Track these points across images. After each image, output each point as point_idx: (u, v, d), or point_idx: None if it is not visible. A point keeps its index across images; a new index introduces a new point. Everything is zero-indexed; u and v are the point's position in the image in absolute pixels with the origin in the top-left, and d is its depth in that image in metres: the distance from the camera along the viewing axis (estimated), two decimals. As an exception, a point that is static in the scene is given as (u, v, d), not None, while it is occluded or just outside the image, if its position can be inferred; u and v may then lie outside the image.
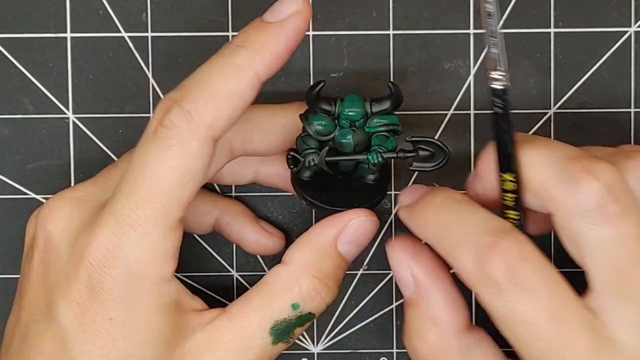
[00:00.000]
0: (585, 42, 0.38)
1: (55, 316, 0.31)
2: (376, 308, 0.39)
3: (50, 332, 0.31)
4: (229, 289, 0.39)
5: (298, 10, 0.31)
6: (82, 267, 0.30)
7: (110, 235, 0.30)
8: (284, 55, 0.31)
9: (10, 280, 0.39)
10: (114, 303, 0.30)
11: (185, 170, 0.30)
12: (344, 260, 0.34)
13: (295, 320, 0.33)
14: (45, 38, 0.38)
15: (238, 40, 0.31)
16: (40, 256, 0.32)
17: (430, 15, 0.38)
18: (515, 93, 0.38)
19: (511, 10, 0.38)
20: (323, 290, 0.33)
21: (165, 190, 0.30)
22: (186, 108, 0.30)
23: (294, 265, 0.33)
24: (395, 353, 0.39)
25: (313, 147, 0.34)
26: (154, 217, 0.30)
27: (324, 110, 0.34)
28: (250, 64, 0.30)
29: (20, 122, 0.39)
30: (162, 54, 0.38)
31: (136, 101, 0.39)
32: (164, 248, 0.30)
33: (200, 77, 0.31)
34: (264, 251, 0.38)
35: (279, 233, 0.39)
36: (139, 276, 0.30)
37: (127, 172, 0.31)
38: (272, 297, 0.32)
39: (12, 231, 0.39)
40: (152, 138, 0.30)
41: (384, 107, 0.34)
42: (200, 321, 0.32)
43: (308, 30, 0.38)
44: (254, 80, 0.30)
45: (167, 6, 0.38)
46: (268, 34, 0.31)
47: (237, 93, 0.30)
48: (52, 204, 0.32)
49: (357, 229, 0.34)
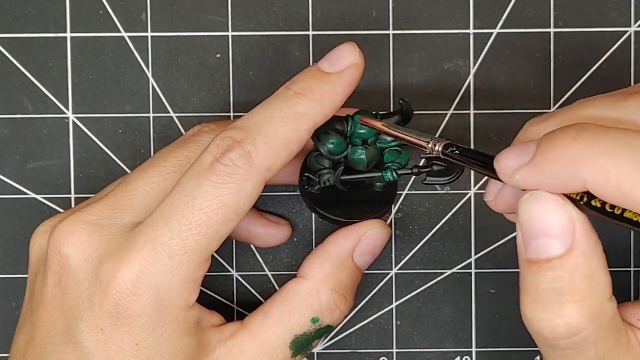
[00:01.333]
0: (585, 42, 0.38)
1: (78, 341, 0.31)
2: (376, 308, 0.39)
3: (72, 355, 0.31)
4: (229, 289, 0.39)
5: (355, 63, 0.32)
6: (109, 294, 0.30)
7: (142, 262, 0.30)
8: (340, 105, 0.32)
9: (10, 280, 0.39)
10: (140, 330, 0.30)
11: (235, 208, 0.30)
12: (360, 272, 0.35)
13: (314, 334, 0.33)
14: (45, 38, 0.38)
15: (298, 88, 0.32)
16: (56, 280, 0.32)
17: (430, 15, 0.38)
18: (516, 93, 0.38)
19: (511, 10, 0.38)
20: (342, 303, 0.34)
21: (212, 226, 0.30)
22: (248, 149, 0.30)
23: (314, 280, 0.34)
24: (395, 353, 0.39)
25: (327, 167, 0.34)
26: (194, 249, 0.30)
27: (336, 130, 0.34)
28: (311, 113, 0.31)
29: (20, 122, 0.39)
30: (162, 54, 0.38)
31: (136, 101, 0.39)
32: (195, 277, 0.31)
33: (262, 119, 0.31)
34: (276, 242, 0.38)
35: (284, 221, 0.39)
36: (167, 304, 0.31)
37: (171, 199, 0.30)
38: (292, 312, 0.33)
39: (12, 231, 0.39)
40: (207, 173, 0.30)
41: (394, 123, 0.34)
42: (220, 337, 0.33)
43: (308, 30, 0.38)
44: (312, 127, 0.31)
45: (167, 6, 0.38)
46: (327, 86, 0.32)
47: (296, 140, 0.31)
48: (67, 228, 0.32)
49: (372, 240, 0.34)
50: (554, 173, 0.26)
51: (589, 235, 0.27)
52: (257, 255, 0.39)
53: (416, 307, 0.39)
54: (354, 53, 0.32)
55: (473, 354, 0.39)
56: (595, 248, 0.27)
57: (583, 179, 0.25)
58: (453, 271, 0.39)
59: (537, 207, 0.27)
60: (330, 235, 0.35)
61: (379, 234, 0.35)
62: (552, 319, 0.27)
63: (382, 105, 0.38)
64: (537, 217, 0.27)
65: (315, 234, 0.39)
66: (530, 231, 0.28)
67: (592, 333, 0.27)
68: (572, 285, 0.27)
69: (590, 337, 0.27)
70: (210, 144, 0.31)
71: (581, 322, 0.27)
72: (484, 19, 0.38)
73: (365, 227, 0.34)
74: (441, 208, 0.39)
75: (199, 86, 0.38)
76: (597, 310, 0.27)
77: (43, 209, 0.39)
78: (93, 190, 0.38)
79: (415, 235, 0.39)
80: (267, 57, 0.38)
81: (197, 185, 0.30)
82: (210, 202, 0.30)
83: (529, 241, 0.28)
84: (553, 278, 0.27)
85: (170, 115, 0.39)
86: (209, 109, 0.39)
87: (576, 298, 0.27)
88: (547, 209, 0.27)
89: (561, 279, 0.27)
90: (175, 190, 0.31)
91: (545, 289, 0.27)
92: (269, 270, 0.39)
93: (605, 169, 0.25)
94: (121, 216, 0.32)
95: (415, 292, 0.39)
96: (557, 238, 0.27)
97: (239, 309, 0.39)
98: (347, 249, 0.34)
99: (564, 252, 0.27)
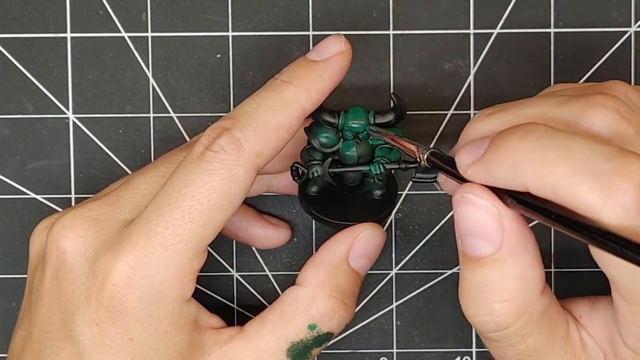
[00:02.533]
0: (585, 42, 0.38)
1: (74, 335, 0.31)
2: (376, 308, 0.39)
3: (67, 350, 0.31)
4: (229, 289, 0.39)
5: (341, 50, 0.33)
6: (104, 288, 0.30)
7: (137, 254, 0.30)
8: (327, 91, 0.32)
9: (10, 280, 0.39)
10: (135, 323, 0.30)
11: (227, 195, 0.30)
12: (358, 276, 0.34)
13: (312, 341, 0.33)
14: (45, 38, 0.38)
15: (285, 76, 0.32)
16: (53, 274, 0.32)
17: (430, 15, 0.38)
18: (516, 93, 0.38)
19: (511, 10, 0.38)
20: (341, 308, 0.33)
21: (205, 212, 0.30)
22: (236, 135, 0.31)
23: (310, 286, 0.33)
24: (395, 353, 0.39)
25: (316, 159, 0.34)
26: (188, 238, 0.30)
27: (327, 123, 0.34)
28: (297, 98, 0.32)
29: (20, 122, 0.39)
30: (162, 54, 0.38)
31: (136, 101, 0.39)
32: (190, 270, 0.31)
33: (250, 108, 0.31)
34: (274, 244, 0.38)
35: (283, 223, 0.39)
36: (162, 297, 0.31)
37: (164, 191, 0.31)
38: (288, 318, 0.33)
39: (12, 231, 0.39)
40: (198, 160, 0.30)
41: (387, 120, 0.34)
42: (217, 339, 0.32)
43: (308, 30, 0.38)
44: (300, 113, 0.32)
45: (167, 6, 0.38)
46: (314, 72, 0.32)
47: (284, 125, 0.31)
48: (66, 222, 0.32)
49: (365, 242, 0.34)
50: (499, 173, 0.27)
51: (519, 234, 0.28)
52: (257, 255, 0.39)
53: (416, 307, 0.39)
54: (340, 42, 0.33)
55: (473, 354, 0.39)
56: (526, 245, 0.28)
57: (523, 182, 0.26)
58: (453, 271, 0.39)
59: (465, 209, 0.28)
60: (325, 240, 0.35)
61: (373, 235, 0.34)
62: (481, 315, 0.28)
63: (382, 105, 0.38)
64: (466, 218, 0.28)
65: (315, 234, 0.39)
66: (462, 230, 0.28)
67: (521, 328, 0.28)
68: (500, 285, 0.28)
69: (519, 331, 0.28)
70: (201, 135, 0.31)
71: (508, 319, 0.28)
72: (484, 19, 0.38)
73: (357, 230, 0.34)
74: (441, 208, 0.39)
75: (199, 86, 0.39)
76: (526, 307, 0.28)
77: (43, 209, 0.39)
78: (93, 190, 0.38)
79: (415, 235, 0.39)
80: (267, 57, 0.38)
81: (189, 173, 0.30)
82: (201, 188, 0.30)
83: (461, 238, 0.29)
84: (483, 276, 0.28)
85: (170, 115, 0.39)
86: (209, 109, 0.39)
87: (504, 297, 0.28)
88: (474, 211, 0.28)
89: (491, 277, 0.28)
90: (169, 181, 0.31)
91: (477, 286, 0.28)
92: (269, 270, 0.39)
93: (543, 174, 0.25)
94: (120, 212, 0.32)
95: (415, 292, 0.39)
96: (485, 238, 0.28)
97: (239, 309, 0.39)
98: (341, 252, 0.34)
99: (493, 252, 0.28)
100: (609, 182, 0.24)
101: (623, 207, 0.24)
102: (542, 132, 0.26)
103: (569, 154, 0.25)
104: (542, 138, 0.26)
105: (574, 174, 0.25)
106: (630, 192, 0.24)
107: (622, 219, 0.24)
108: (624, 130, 0.27)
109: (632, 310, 0.27)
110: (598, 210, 0.24)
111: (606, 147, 0.25)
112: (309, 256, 0.34)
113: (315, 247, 0.39)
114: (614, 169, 0.24)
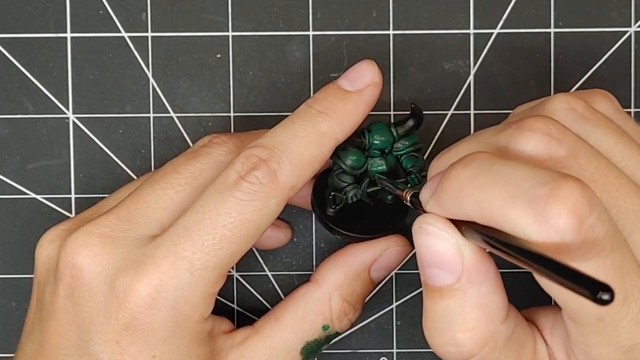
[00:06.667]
0: (585, 42, 0.38)
1: (93, 353, 0.31)
2: (376, 308, 0.39)
3: None
4: (229, 289, 0.39)
5: (375, 81, 0.33)
6: (125, 307, 0.30)
7: (161, 277, 0.30)
8: (359, 123, 0.32)
9: (10, 280, 0.39)
10: (157, 342, 0.30)
11: (257, 225, 0.31)
12: (373, 285, 0.35)
13: (324, 340, 0.34)
14: (45, 38, 0.38)
15: (320, 107, 0.32)
16: (68, 291, 0.32)
17: (430, 15, 0.38)
18: (516, 93, 0.38)
19: (511, 10, 0.38)
20: (351, 312, 0.35)
21: (234, 242, 0.30)
22: (272, 167, 0.31)
23: (327, 286, 0.34)
24: (395, 353, 0.39)
25: (350, 183, 0.34)
26: (215, 265, 0.30)
27: (356, 144, 0.34)
28: (333, 131, 0.32)
29: (20, 122, 0.39)
30: (162, 54, 0.38)
31: (136, 101, 0.39)
32: (213, 292, 0.31)
33: (285, 138, 0.31)
34: (275, 245, 0.39)
35: (284, 224, 0.39)
36: (185, 317, 0.31)
37: (193, 214, 0.30)
38: (304, 318, 0.33)
39: (12, 231, 0.39)
40: (232, 189, 0.30)
41: (406, 128, 0.34)
42: (232, 343, 0.33)
43: (308, 30, 0.38)
44: (333, 145, 0.32)
45: (167, 6, 0.38)
46: (349, 104, 0.32)
47: (319, 158, 0.31)
48: (79, 240, 0.32)
49: (392, 257, 0.35)
50: (447, 203, 0.27)
51: (478, 263, 0.27)
52: (257, 255, 0.39)
53: (416, 307, 0.39)
54: (373, 71, 0.33)
55: (473, 354, 0.39)
56: (487, 274, 0.27)
57: (466, 211, 0.26)
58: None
59: (423, 239, 0.28)
60: (348, 245, 0.36)
61: (400, 252, 0.35)
62: (445, 345, 0.28)
63: (382, 105, 0.38)
64: (425, 248, 0.28)
65: (315, 234, 0.39)
66: (423, 260, 0.28)
67: (486, 356, 0.28)
68: (462, 315, 0.27)
69: (485, 358, 0.28)
70: (234, 161, 0.31)
71: (472, 349, 0.28)
72: (484, 19, 0.38)
73: (388, 243, 0.35)
74: (441, 208, 0.39)
75: (199, 86, 0.38)
76: (490, 335, 0.28)
77: (43, 209, 0.39)
78: (93, 190, 0.38)
79: (415, 235, 0.39)
80: (267, 57, 0.38)
81: (222, 201, 0.30)
82: (234, 218, 0.30)
83: (422, 268, 0.28)
84: (445, 306, 0.28)
85: (170, 115, 0.39)
86: (209, 109, 0.39)
87: (467, 327, 0.27)
88: (433, 241, 0.27)
89: (452, 307, 0.27)
90: (198, 205, 0.31)
91: (439, 317, 0.28)
92: (269, 270, 0.39)
93: (481, 200, 0.25)
94: (134, 228, 0.32)
95: (415, 292, 0.39)
96: (445, 268, 0.27)
97: (239, 309, 0.39)
98: (367, 261, 0.35)
99: (453, 282, 0.27)
100: (544, 207, 0.24)
101: (557, 232, 0.24)
102: (482, 160, 0.26)
103: (504, 180, 0.25)
104: (481, 166, 0.26)
105: (508, 199, 0.25)
106: (564, 217, 0.24)
107: (557, 243, 0.24)
108: (555, 153, 0.27)
109: (579, 330, 0.27)
110: (533, 235, 0.24)
111: (541, 172, 0.25)
112: (309, 256, 0.35)
113: (315, 247, 0.39)
114: (549, 193, 0.24)
